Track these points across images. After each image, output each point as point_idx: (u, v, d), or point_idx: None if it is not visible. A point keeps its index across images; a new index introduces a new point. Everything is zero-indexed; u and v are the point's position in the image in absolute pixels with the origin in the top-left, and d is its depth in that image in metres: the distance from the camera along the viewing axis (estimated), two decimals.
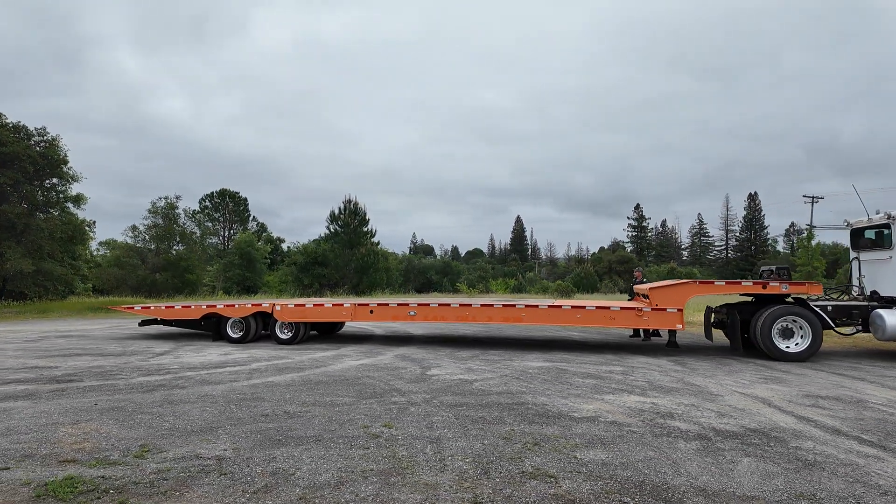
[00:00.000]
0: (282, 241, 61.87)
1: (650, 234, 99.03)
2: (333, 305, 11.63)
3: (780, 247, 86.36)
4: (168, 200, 34.91)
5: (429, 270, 59.18)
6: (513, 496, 3.55)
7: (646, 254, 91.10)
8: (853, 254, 11.01)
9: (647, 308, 10.10)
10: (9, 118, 25.24)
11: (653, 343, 12.27)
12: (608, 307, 10.40)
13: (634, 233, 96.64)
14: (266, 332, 12.12)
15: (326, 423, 5.29)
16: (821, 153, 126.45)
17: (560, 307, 10.59)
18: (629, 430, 5.07)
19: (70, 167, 26.64)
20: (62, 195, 26.95)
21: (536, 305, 10.86)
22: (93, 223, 27.87)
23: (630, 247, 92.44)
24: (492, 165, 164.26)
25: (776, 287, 9.75)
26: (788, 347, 9.58)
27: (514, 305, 10.87)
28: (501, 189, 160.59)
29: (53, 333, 14.24)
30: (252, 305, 11.97)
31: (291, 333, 11.48)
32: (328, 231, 38.97)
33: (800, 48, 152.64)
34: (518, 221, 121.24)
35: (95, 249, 43.48)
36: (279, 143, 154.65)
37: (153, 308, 13.52)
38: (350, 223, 38.16)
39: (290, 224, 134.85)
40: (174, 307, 12.72)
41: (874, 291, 10.31)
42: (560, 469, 4.04)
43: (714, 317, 11.19)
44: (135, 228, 34.99)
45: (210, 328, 12.16)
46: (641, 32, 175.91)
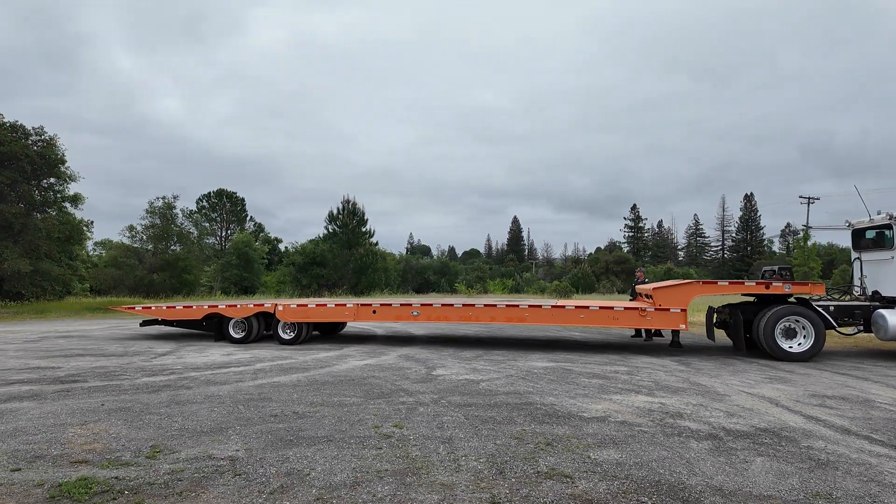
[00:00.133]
0: (279, 242, 61.84)
1: (647, 235, 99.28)
2: (336, 305, 11.60)
3: (776, 247, 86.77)
4: (166, 200, 34.85)
5: (426, 271, 59.12)
6: (530, 496, 3.55)
7: (642, 254, 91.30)
8: (854, 254, 11.05)
9: (651, 308, 10.12)
10: (5, 118, 25.13)
11: (655, 343, 12.30)
12: (612, 307, 10.41)
13: (631, 233, 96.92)
14: (268, 333, 12.09)
15: (337, 424, 5.28)
16: (816, 154, 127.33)
17: (563, 307, 10.60)
18: (640, 430, 5.08)
19: (68, 167, 26.56)
20: (59, 195, 26.81)
21: (540, 306, 10.86)
22: (90, 223, 27.75)
23: (627, 247, 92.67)
24: (488, 166, 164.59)
25: (779, 287, 9.79)
26: (791, 347, 9.62)
27: (518, 306, 10.87)
28: (498, 189, 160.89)
29: (53, 334, 14.16)
30: (254, 306, 11.93)
31: (294, 334, 11.45)
32: (326, 231, 38.91)
33: (795, 49, 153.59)
34: (515, 222, 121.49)
35: (91, 250, 43.38)
36: (275, 143, 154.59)
37: (154, 308, 13.46)
38: (349, 223, 38.09)
39: (286, 224, 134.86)
40: (175, 307, 12.66)
41: (875, 291, 10.36)
42: (575, 469, 4.04)
43: (716, 317, 11.24)
44: (132, 228, 34.91)
45: (212, 328, 12.12)
46: (638, 33, 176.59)
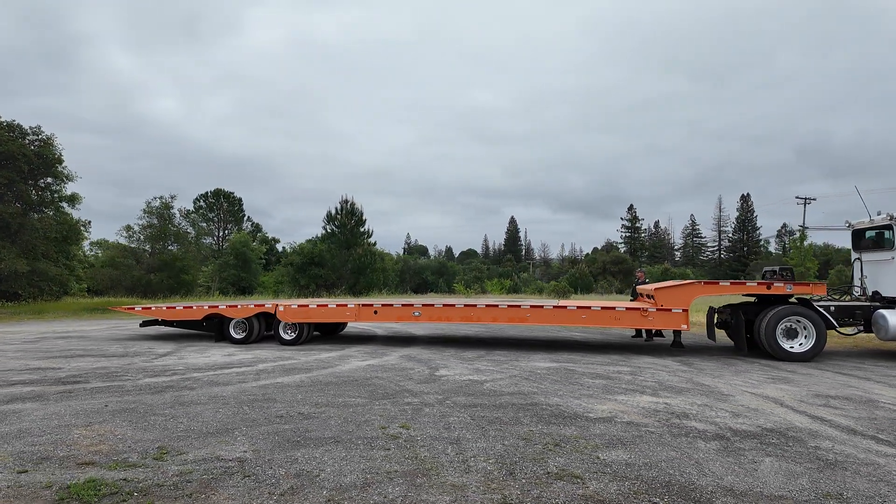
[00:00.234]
0: (276, 242, 61.69)
1: (643, 235, 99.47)
2: (338, 306, 11.58)
3: (772, 248, 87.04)
4: (163, 200, 34.74)
5: (424, 271, 59.09)
6: (542, 497, 3.54)
7: (639, 254, 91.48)
8: (854, 254, 11.10)
9: (653, 308, 10.13)
10: (2, 117, 25.01)
11: (655, 343, 12.32)
12: (614, 307, 10.42)
13: (628, 233, 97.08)
14: (269, 333, 12.06)
15: (343, 424, 5.27)
16: (811, 155, 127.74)
17: (565, 308, 10.60)
18: (647, 431, 5.08)
19: (65, 166, 26.44)
20: (57, 195, 26.68)
21: (542, 306, 10.86)
22: (88, 223, 27.64)
23: (623, 248, 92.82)
24: (485, 166, 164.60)
25: (780, 287, 9.81)
26: (793, 347, 9.65)
27: (520, 306, 10.87)
28: (495, 190, 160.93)
29: (51, 334, 14.09)
30: (255, 306, 11.89)
31: (295, 334, 11.42)
32: (325, 231, 38.82)
33: (793, 50, 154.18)
34: (512, 222, 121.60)
35: (88, 250, 43.18)
36: (272, 143, 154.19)
37: (154, 309, 13.41)
38: (347, 223, 38.03)
39: (282, 224, 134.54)
40: (175, 308, 12.61)
41: (876, 292, 10.40)
42: (585, 470, 4.04)
43: (717, 317, 11.26)
44: (129, 228, 34.80)
45: (212, 329, 12.08)
46: (637, 33, 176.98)
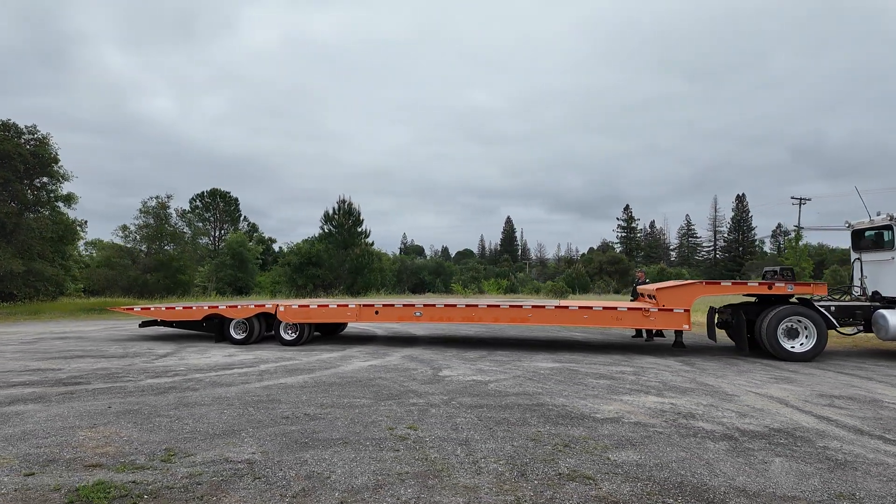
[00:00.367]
0: (273, 242, 61.49)
1: (639, 235, 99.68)
2: (338, 306, 11.54)
3: (767, 248, 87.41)
4: (159, 200, 34.55)
5: (421, 271, 58.94)
6: (555, 498, 3.53)
7: (635, 254, 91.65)
8: (854, 255, 11.14)
9: (654, 308, 10.15)
10: None
11: (656, 343, 12.34)
12: (615, 308, 10.43)
13: (624, 234, 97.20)
14: (269, 334, 12.02)
15: (350, 425, 5.24)
16: (806, 155, 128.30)
17: (567, 308, 10.60)
18: (655, 431, 5.08)
19: (61, 166, 26.27)
20: (52, 194, 26.51)
21: (543, 306, 10.86)
22: (84, 223, 27.48)
23: (619, 248, 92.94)
24: (482, 166, 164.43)
25: (782, 287, 9.84)
26: (794, 347, 9.68)
27: (521, 306, 10.87)
28: (491, 190, 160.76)
29: (49, 335, 13.99)
30: (255, 306, 11.84)
31: (296, 335, 11.37)
32: (322, 231, 38.70)
33: (788, 51, 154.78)
34: (508, 222, 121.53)
35: (83, 249, 42.90)
36: (268, 143, 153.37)
37: (153, 309, 13.34)
38: (344, 223, 37.92)
39: (279, 224, 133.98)
40: (175, 308, 12.55)
41: (875, 292, 10.45)
42: (596, 471, 4.03)
43: (718, 317, 11.28)
44: (125, 228, 34.60)
45: (212, 329, 12.02)
46: (633, 34, 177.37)
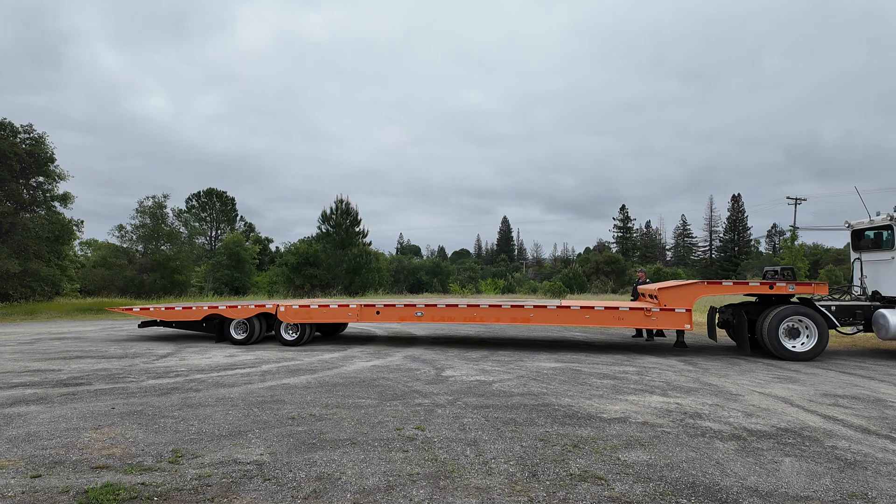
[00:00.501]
0: (270, 242, 61.26)
1: (635, 235, 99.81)
2: (339, 306, 11.49)
3: (763, 248, 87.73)
4: (156, 200, 34.43)
5: (419, 271, 58.84)
6: (568, 499, 3.52)
7: (631, 254, 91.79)
8: (854, 255, 11.18)
9: (656, 308, 10.15)
10: None
11: (657, 343, 12.36)
12: (617, 307, 10.43)
13: (620, 234, 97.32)
14: (269, 334, 11.98)
15: (357, 426, 5.22)
16: (800, 156, 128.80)
17: (569, 308, 10.59)
18: (663, 431, 5.07)
19: (57, 165, 26.09)
20: (48, 194, 26.33)
21: (545, 306, 10.85)
22: (81, 223, 27.26)
23: (615, 248, 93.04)
24: (477, 166, 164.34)
25: (783, 287, 9.87)
26: (795, 347, 9.71)
27: (523, 306, 10.85)
28: (486, 190, 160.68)
29: (47, 335, 13.89)
30: (255, 307, 11.79)
31: (297, 335, 11.33)
32: (319, 231, 38.59)
33: (779, 52, 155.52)
34: (504, 222, 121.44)
35: (78, 249, 42.67)
36: (261, 143, 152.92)
37: (152, 309, 13.25)
38: (342, 223, 37.83)
39: (274, 224, 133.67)
40: (174, 308, 12.47)
41: (875, 291, 10.49)
42: (607, 471, 4.02)
43: (719, 317, 11.31)
44: (121, 228, 34.46)
45: (212, 330, 11.96)
46: (624, 35, 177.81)
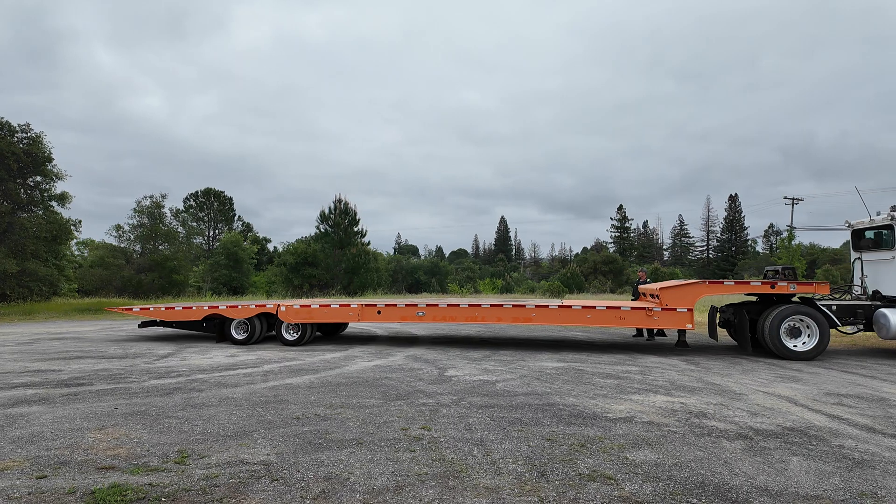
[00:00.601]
0: (268, 242, 61.20)
1: (633, 235, 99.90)
2: (340, 306, 11.47)
3: (760, 247, 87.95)
4: (154, 200, 34.31)
5: (417, 271, 58.87)
6: (579, 499, 3.51)
7: (628, 254, 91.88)
8: (855, 254, 11.20)
9: (658, 308, 10.16)
10: None
11: (658, 342, 12.36)
12: (618, 307, 10.43)
13: (617, 233, 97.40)
14: (270, 334, 11.94)
15: (362, 426, 5.20)
16: (796, 156, 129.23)
17: (570, 307, 10.59)
18: (669, 431, 5.07)
19: (54, 165, 25.96)
20: (46, 193, 26.19)
21: (546, 306, 10.84)
22: (79, 222, 27.11)
23: (613, 247, 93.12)
24: (474, 166, 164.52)
25: (784, 287, 9.88)
26: (796, 346, 9.72)
27: (524, 306, 10.84)
28: (484, 190, 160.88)
29: (45, 336, 13.83)
30: (256, 306, 11.75)
31: (298, 335, 11.30)
32: (318, 231, 38.53)
33: (776, 53, 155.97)
34: (502, 222, 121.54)
35: (75, 249, 42.49)
36: (258, 142, 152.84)
37: (152, 309, 13.20)
38: (341, 223, 37.77)
39: (272, 224, 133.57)
40: (174, 308, 12.43)
41: (876, 291, 10.52)
42: (616, 471, 4.01)
43: (719, 316, 11.32)
44: (119, 228, 34.34)
45: (212, 330, 11.92)
46: (622, 35, 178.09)
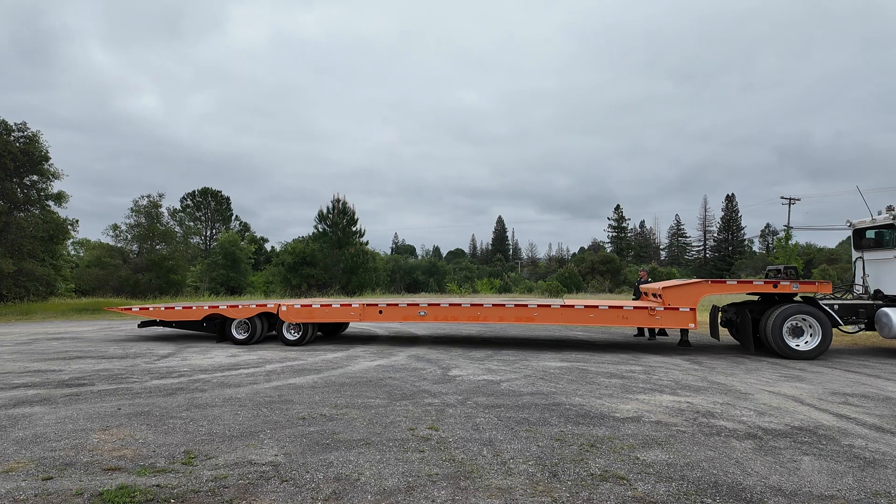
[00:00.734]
0: (265, 241, 61.05)
1: (629, 235, 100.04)
2: (342, 306, 11.42)
3: (756, 247, 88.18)
4: (151, 199, 34.18)
5: (415, 271, 58.81)
6: (592, 499, 3.48)
7: (625, 254, 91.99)
8: (856, 254, 11.21)
9: (660, 307, 10.15)
10: None
11: (659, 342, 12.35)
12: (621, 307, 10.42)
13: (615, 233, 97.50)
14: (271, 334, 11.89)
15: (369, 426, 5.16)
16: (792, 156, 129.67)
17: (573, 307, 10.57)
18: (678, 430, 5.04)
19: (51, 164, 25.83)
20: (43, 193, 26.05)
21: (549, 305, 10.82)
22: (75, 222, 26.99)
23: (610, 247, 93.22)
24: (471, 166, 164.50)
25: (787, 286, 9.88)
26: (799, 346, 9.72)
27: (527, 305, 10.81)
28: (481, 190, 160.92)
29: (44, 336, 13.74)
30: (256, 306, 11.70)
31: (299, 334, 11.25)
32: (316, 230, 38.48)
33: (772, 53, 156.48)
34: (499, 222, 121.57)
35: (71, 249, 42.30)
36: (255, 142, 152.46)
37: (152, 309, 13.13)
38: (339, 223, 37.69)
39: (269, 224, 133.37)
40: (174, 308, 12.36)
41: (878, 290, 10.53)
42: (628, 471, 3.98)
43: (721, 316, 11.32)
44: (116, 227, 34.20)
45: (212, 329, 11.86)
46: (618, 36, 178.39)
